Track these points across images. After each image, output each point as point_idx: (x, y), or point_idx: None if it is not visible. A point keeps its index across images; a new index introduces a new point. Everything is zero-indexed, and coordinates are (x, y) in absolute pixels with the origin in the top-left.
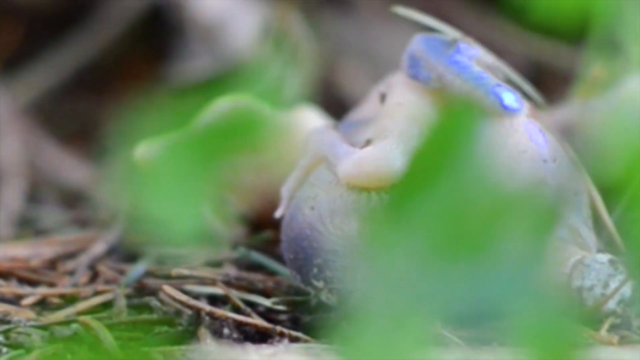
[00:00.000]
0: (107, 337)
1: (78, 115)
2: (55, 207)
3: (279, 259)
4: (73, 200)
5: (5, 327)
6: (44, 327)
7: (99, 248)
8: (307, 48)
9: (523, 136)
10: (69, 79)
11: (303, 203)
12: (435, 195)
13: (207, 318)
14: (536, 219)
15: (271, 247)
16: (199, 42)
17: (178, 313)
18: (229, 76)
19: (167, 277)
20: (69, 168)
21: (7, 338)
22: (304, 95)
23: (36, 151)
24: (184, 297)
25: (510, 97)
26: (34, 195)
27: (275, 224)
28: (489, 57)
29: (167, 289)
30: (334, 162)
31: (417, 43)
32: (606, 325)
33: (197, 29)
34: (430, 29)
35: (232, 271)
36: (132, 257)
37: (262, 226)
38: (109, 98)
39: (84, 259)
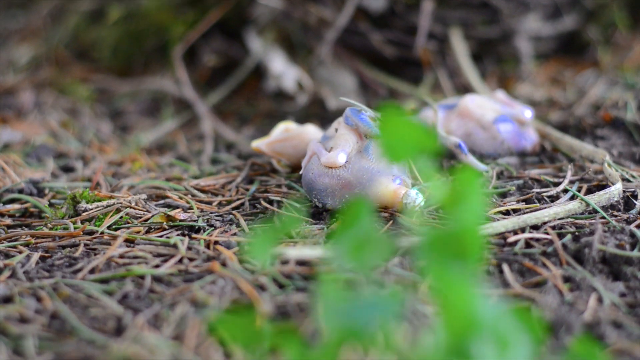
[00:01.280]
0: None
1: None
2: (223, 152)
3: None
4: (230, 147)
5: (206, 216)
6: (223, 216)
7: (239, 179)
8: (309, 85)
9: None
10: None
11: (309, 169)
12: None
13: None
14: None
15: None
16: (273, 80)
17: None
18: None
19: (264, 192)
20: (228, 133)
21: (207, 221)
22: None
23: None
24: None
25: None
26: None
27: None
28: (373, 114)
29: (262, 199)
30: (320, 156)
31: (348, 110)
32: (416, 218)
33: (272, 75)
34: (354, 104)
35: (284, 189)
36: (250, 182)
37: (295, 170)
38: None
39: (233, 184)
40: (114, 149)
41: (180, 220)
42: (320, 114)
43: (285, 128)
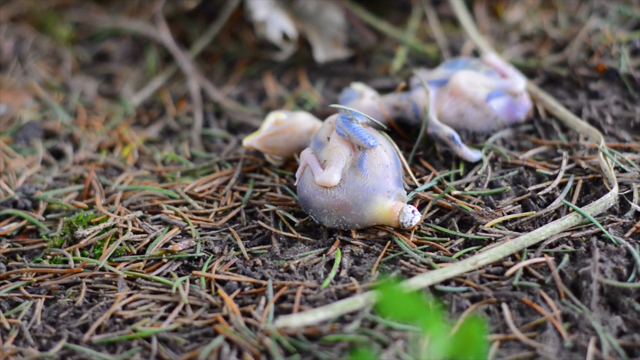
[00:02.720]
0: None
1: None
2: (214, 123)
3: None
4: (219, 115)
5: (203, 236)
6: (220, 233)
7: (232, 180)
8: (294, 35)
9: (379, 155)
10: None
11: (303, 184)
12: None
13: (273, 232)
14: None
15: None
16: (259, 27)
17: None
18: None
19: (258, 197)
20: (216, 94)
21: (204, 245)
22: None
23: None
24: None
25: (373, 141)
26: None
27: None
28: (364, 120)
29: (257, 207)
30: (314, 172)
31: (339, 119)
32: (413, 234)
33: (257, 21)
34: (345, 109)
35: (279, 194)
36: (244, 181)
37: (288, 162)
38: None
39: (228, 187)
40: (102, 122)
41: (179, 252)
42: (308, 62)
43: (275, 120)
